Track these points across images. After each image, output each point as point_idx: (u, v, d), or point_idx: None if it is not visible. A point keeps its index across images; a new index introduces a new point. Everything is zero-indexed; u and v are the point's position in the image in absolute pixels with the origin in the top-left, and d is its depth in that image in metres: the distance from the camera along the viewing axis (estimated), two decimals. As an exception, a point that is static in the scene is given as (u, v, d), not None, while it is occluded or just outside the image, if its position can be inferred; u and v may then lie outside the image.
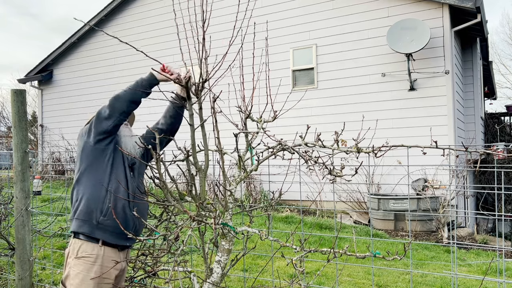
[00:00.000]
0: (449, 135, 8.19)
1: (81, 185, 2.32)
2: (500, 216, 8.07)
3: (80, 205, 2.29)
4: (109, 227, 2.27)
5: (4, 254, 3.91)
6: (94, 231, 2.26)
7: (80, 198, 2.30)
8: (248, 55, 2.52)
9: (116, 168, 2.32)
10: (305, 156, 2.15)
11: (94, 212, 2.26)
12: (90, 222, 2.26)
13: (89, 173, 2.31)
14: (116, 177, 2.30)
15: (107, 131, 2.30)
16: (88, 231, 2.26)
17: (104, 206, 2.26)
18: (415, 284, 4.50)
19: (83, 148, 2.35)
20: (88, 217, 2.26)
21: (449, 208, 7.19)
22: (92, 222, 2.26)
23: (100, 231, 2.27)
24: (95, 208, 2.26)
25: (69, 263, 2.30)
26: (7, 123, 23.70)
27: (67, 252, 2.35)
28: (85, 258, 2.25)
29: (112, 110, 2.27)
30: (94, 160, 2.31)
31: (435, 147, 1.97)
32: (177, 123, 2.54)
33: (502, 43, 35.90)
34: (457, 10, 8.39)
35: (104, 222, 2.27)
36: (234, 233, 2.22)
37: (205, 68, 2.13)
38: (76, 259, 2.26)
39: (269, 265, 4.53)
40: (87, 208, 2.27)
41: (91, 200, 2.27)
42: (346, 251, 2.06)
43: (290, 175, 2.74)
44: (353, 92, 9.09)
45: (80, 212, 2.28)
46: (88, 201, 2.27)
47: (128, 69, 11.79)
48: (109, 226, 2.27)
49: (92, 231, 2.26)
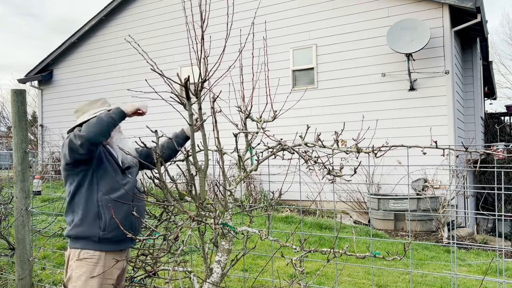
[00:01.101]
0: (449, 135, 8.19)
1: (74, 205, 2.33)
2: (500, 216, 8.07)
3: (76, 225, 2.29)
4: (111, 239, 2.30)
5: (4, 254, 3.91)
6: (98, 246, 2.28)
7: (75, 219, 2.30)
8: (248, 55, 2.52)
9: (104, 178, 2.32)
10: (305, 156, 2.15)
11: (92, 229, 2.27)
12: (92, 240, 2.28)
13: (79, 192, 2.31)
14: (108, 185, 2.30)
15: (81, 159, 2.26)
16: (93, 248, 2.28)
17: (101, 222, 2.27)
18: (415, 284, 4.50)
19: (65, 169, 2.34)
20: (89, 235, 2.27)
21: (449, 208, 7.19)
22: (93, 239, 2.28)
23: (104, 245, 2.29)
24: (93, 225, 2.27)
25: (71, 265, 2.30)
26: (7, 123, 23.69)
27: (67, 255, 2.35)
28: (87, 259, 2.27)
29: (83, 140, 2.19)
30: (81, 180, 2.31)
31: (435, 147, 1.97)
32: (173, 155, 2.62)
33: (502, 43, 35.92)
34: (457, 10, 8.39)
35: (106, 236, 2.28)
36: (234, 233, 2.22)
37: (205, 67, 2.12)
38: (78, 261, 2.27)
39: (269, 265, 4.53)
40: (85, 227, 2.28)
41: (86, 219, 2.28)
42: (346, 251, 2.06)
43: (290, 175, 2.74)
44: (353, 92, 9.09)
45: (79, 233, 2.29)
46: (84, 221, 2.28)
47: (128, 69, 11.79)
48: (111, 238, 2.29)
49: (96, 247, 2.28)
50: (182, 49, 10.42)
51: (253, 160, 2.28)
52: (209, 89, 2.20)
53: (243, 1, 9.21)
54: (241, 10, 6.58)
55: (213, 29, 3.76)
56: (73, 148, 2.21)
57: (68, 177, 2.35)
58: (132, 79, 11.63)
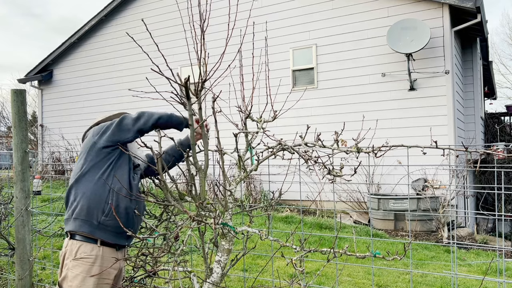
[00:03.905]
0: (449, 135, 8.19)
1: (80, 184, 2.28)
2: (500, 216, 8.07)
3: (79, 204, 2.25)
4: (110, 227, 2.25)
5: (4, 254, 3.91)
6: (94, 231, 2.23)
7: (79, 197, 2.26)
8: (248, 55, 2.52)
9: (120, 168, 2.30)
10: (305, 156, 2.15)
11: (95, 211, 2.23)
12: (91, 222, 2.23)
13: (92, 173, 2.27)
14: (120, 178, 2.27)
15: (121, 142, 2.28)
16: (88, 231, 2.23)
17: (106, 206, 2.23)
18: (415, 284, 4.50)
19: (90, 148, 2.31)
20: (89, 217, 2.23)
21: (449, 208, 7.19)
22: (92, 222, 2.23)
23: (101, 231, 2.25)
24: (97, 207, 2.23)
25: (66, 264, 2.25)
26: (7, 123, 23.68)
27: (63, 254, 2.31)
28: (84, 259, 2.22)
29: (140, 124, 2.24)
30: (99, 161, 2.28)
31: (435, 147, 1.97)
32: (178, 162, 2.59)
33: (502, 43, 35.91)
34: (457, 10, 8.39)
35: (106, 222, 2.24)
36: (234, 233, 2.22)
37: (205, 67, 2.12)
38: (74, 260, 2.23)
39: (269, 265, 4.53)
40: (88, 207, 2.23)
41: (92, 199, 2.23)
42: (346, 251, 2.06)
43: (290, 175, 2.74)
44: (353, 92, 9.09)
45: (80, 212, 2.24)
46: (89, 201, 2.23)
47: (128, 69, 11.79)
48: (110, 226, 2.25)
49: (92, 231, 2.23)
50: (182, 49, 10.43)
51: (253, 160, 2.28)
52: (209, 89, 2.20)
53: (243, 1, 9.22)
54: (241, 10, 6.58)
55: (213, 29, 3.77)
56: (124, 129, 2.24)
57: (89, 153, 2.29)
58: (132, 79, 11.63)
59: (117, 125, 2.27)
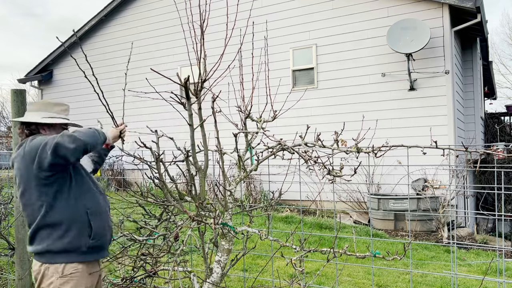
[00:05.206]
0: (449, 135, 8.19)
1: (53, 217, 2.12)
2: (500, 216, 8.07)
3: (60, 237, 2.12)
4: (99, 247, 2.24)
5: (4, 254, 3.91)
6: (83, 257, 2.18)
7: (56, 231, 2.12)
8: (247, 55, 2.52)
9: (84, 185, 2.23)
10: (305, 156, 2.15)
11: (81, 239, 2.15)
12: (78, 252, 2.16)
13: (60, 202, 2.13)
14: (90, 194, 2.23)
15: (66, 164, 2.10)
16: (79, 260, 2.16)
17: (91, 230, 2.17)
18: (415, 284, 4.50)
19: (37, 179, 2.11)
20: (77, 245, 2.15)
21: (449, 208, 7.19)
22: (81, 250, 2.16)
23: (90, 255, 2.21)
24: (81, 235, 2.15)
25: (53, 282, 2.12)
26: (7, 123, 23.69)
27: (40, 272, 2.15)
28: (72, 274, 2.15)
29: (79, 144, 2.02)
30: (60, 188, 2.13)
31: (435, 147, 1.97)
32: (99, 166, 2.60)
33: (502, 43, 35.84)
34: (457, 10, 8.39)
35: (94, 244, 2.20)
36: (234, 233, 2.22)
37: (204, 67, 2.12)
38: (62, 277, 2.13)
39: (269, 265, 4.53)
40: (72, 238, 2.13)
41: (73, 229, 2.13)
42: (346, 251, 2.06)
43: (290, 175, 2.74)
44: (353, 92, 9.09)
45: (65, 245, 2.12)
46: (70, 232, 2.12)
47: (128, 69, 11.79)
48: (99, 245, 2.24)
49: (84, 257, 2.18)
50: (182, 49, 10.43)
51: (253, 160, 2.28)
52: (209, 89, 2.20)
53: (243, 1, 9.22)
54: (241, 10, 6.58)
55: (213, 29, 3.76)
56: (61, 152, 1.98)
57: (41, 187, 2.10)
58: (132, 79, 11.63)
59: (53, 149, 2.00)
